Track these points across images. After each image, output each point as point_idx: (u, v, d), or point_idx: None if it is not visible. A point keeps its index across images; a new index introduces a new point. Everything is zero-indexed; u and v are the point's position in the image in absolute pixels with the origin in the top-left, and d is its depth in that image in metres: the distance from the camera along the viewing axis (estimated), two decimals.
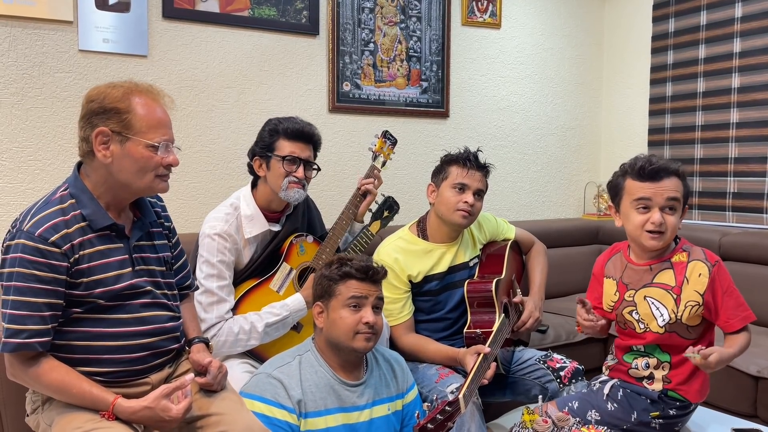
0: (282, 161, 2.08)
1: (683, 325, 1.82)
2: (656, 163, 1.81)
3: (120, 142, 1.53)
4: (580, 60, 4.05)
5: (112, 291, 1.56)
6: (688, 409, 1.88)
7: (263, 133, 2.15)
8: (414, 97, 3.42)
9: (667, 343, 1.85)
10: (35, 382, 1.51)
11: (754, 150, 3.32)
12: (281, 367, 1.76)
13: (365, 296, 1.77)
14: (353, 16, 3.21)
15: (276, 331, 2.05)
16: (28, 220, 1.50)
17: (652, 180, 1.80)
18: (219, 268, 2.03)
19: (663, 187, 1.78)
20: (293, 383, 1.73)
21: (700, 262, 1.82)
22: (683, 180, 1.82)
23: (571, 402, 1.95)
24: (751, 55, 3.30)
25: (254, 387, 1.74)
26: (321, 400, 1.74)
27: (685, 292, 1.81)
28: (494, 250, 2.39)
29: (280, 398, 1.70)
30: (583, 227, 3.76)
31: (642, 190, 1.80)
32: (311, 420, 1.72)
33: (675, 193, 1.79)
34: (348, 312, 1.75)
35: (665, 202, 1.78)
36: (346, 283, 1.77)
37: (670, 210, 1.79)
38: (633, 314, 1.89)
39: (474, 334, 2.09)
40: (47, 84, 2.56)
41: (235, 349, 2.02)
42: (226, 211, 2.10)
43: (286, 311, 2.04)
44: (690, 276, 1.81)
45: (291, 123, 2.13)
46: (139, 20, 2.69)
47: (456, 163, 2.23)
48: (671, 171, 1.80)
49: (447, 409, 1.51)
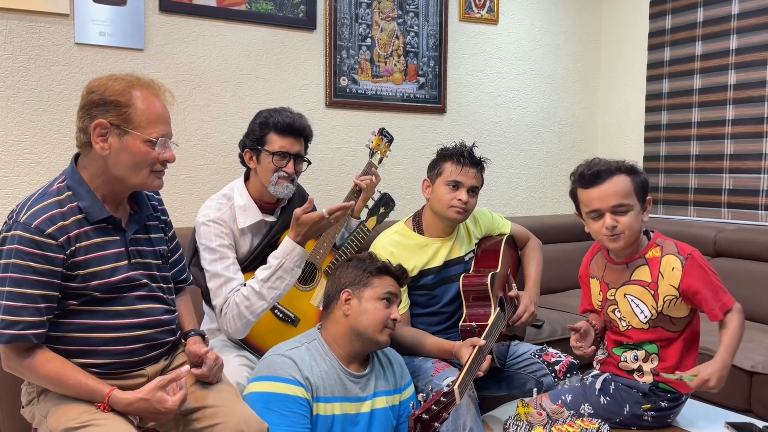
0: (272, 156, 2.06)
1: (666, 317, 1.84)
2: (595, 166, 1.81)
3: (118, 136, 1.53)
4: (578, 56, 4.05)
5: (108, 283, 1.56)
6: (680, 401, 1.89)
7: (254, 126, 2.12)
8: (411, 93, 3.42)
9: (654, 338, 1.87)
10: (31, 373, 1.51)
11: (750, 147, 3.33)
12: (291, 350, 1.78)
13: (396, 294, 1.87)
14: (350, 11, 3.21)
15: (280, 282, 1.91)
16: (25, 212, 1.49)
17: (595, 184, 1.80)
18: (220, 251, 2.01)
19: (607, 191, 1.78)
20: (304, 365, 1.75)
21: (673, 256, 1.83)
22: (631, 174, 1.81)
23: (564, 395, 1.96)
24: (748, 52, 3.31)
25: (267, 368, 1.75)
26: (329, 387, 1.77)
27: (661, 287, 1.82)
28: (490, 245, 2.39)
29: (295, 375, 1.72)
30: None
31: (590, 199, 1.82)
32: (319, 404, 1.74)
33: (620, 194, 1.78)
34: (381, 305, 1.82)
35: (611, 207, 1.79)
36: (383, 278, 1.86)
37: (621, 212, 1.79)
38: (616, 312, 1.91)
39: (469, 327, 2.10)
40: (43, 77, 2.55)
41: (247, 318, 1.92)
42: (219, 201, 2.10)
43: (276, 258, 1.91)
44: (664, 271, 1.83)
45: (281, 116, 2.09)
46: (136, 14, 2.69)
47: (450, 160, 2.22)
48: (613, 170, 1.79)
49: (442, 399, 1.52)
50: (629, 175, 1.80)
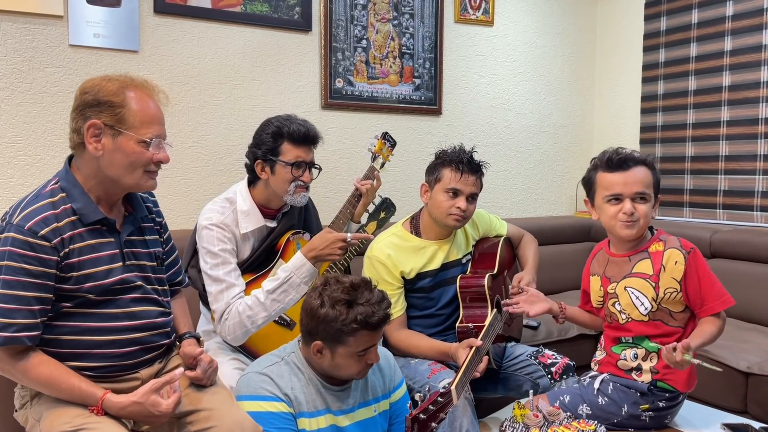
0: (290, 167, 2.03)
1: (666, 310, 1.86)
2: (623, 153, 1.89)
3: (112, 136, 1.53)
4: (573, 58, 4.06)
5: (102, 285, 1.56)
6: (677, 400, 1.90)
7: (265, 137, 2.06)
8: (407, 94, 3.41)
9: (654, 333, 1.87)
10: (24, 376, 1.49)
11: (745, 148, 3.34)
12: (269, 366, 1.73)
13: (374, 345, 1.69)
14: (346, 12, 3.20)
15: (285, 296, 1.92)
16: (18, 213, 1.49)
17: (621, 169, 1.86)
18: (222, 256, 2.00)
19: (632, 178, 1.85)
20: (283, 382, 1.70)
21: (676, 250, 1.86)
22: (652, 169, 1.89)
23: (563, 396, 1.96)
24: (742, 53, 3.32)
25: (246, 387, 1.70)
26: (311, 401, 1.71)
27: (662, 279, 1.85)
28: (487, 247, 2.39)
29: (275, 392, 1.67)
30: (575, 224, 3.77)
31: (612, 183, 1.86)
32: (302, 420, 1.69)
33: (643, 183, 1.85)
34: (354, 360, 1.67)
35: (635, 193, 1.84)
36: (359, 335, 1.64)
37: (641, 200, 1.85)
38: (616, 305, 1.92)
39: (466, 328, 2.10)
40: (37, 79, 2.54)
41: (248, 328, 1.92)
42: (222, 204, 2.09)
43: (285, 272, 1.93)
44: (666, 264, 1.85)
45: (295, 125, 2.05)
46: (131, 15, 2.68)
47: (449, 166, 2.18)
48: (639, 160, 1.87)
49: (439, 399, 1.51)
50: (651, 169, 1.88)
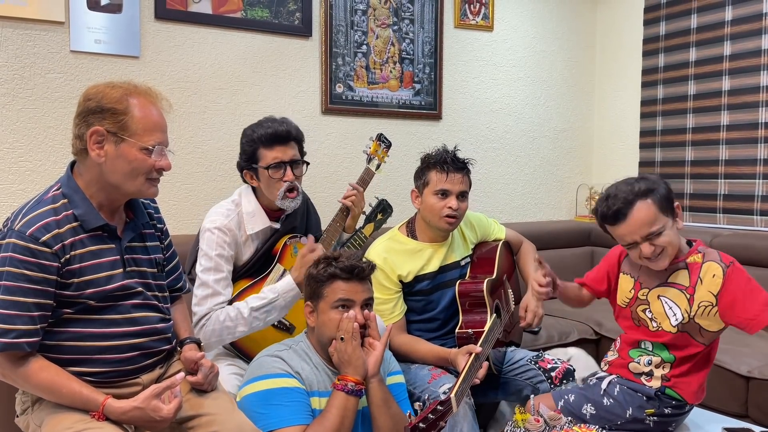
0: (267, 171, 2.05)
1: (696, 325, 1.81)
2: (613, 204, 1.76)
3: (114, 143, 1.53)
4: (572, 63, 4.06)
5: (103, 292, 1.56)
6: (684, 410, 1.89)
7: (243, 146, 2.11)
8: (407, 99, 3.42)
9: (677, 344, 1.85)
10: (24, 382, 1.50)
11: (744, 152, 3.34)
12: (279, 351, 1.77)
13: (352, 299, 1.74)
14: (346, 17, 3.21)
15: (267, 316, 1.99)
16: (20, 220, 1.49)
17: (619, 221, 1.76)
18: (216, 262, 2.02)
19: (634, 226, 1.75)
20: (294, 363, 1.74)
21: (715, 263, 1.81)
22: (650, 195, 1.75)
23: (567, 395, 1.95)
24: (741, 58, 3.33)
25: (258, 369, 1.74)
26: (321, 382, 1.75)
27: (698, 292, 1.80)
28: (485, 251, 2.39)
29: (288, 370, 1.71)
30: (575, 229, 3.77)
31: (622, 236, 1.79)
32: (314, 399, 1.73)
33: (648, 223, 1.74)
34: (337, 314, 1.73)
35: (644, 237, 1.75)
36: (333, 284, 1.74)
37: (656, 236, 1.75)
38: (646, 312, 1.90)
39: (466, 334, 2.10)
40: (38, 85, 2.55)
41: (223, 338, 1.98)
42: (228, 207, 2.10)
43: (273, 293, 1.98)
44: (704, 276, 1.80)
45: (263, 129, 2.07)
46: (131, 21, 2.69)
47: (434, 168, 2.20)
48: (630, 202, 1.74)
49: (439, 408, 1.51)
50: (648, 198, 1.75)
